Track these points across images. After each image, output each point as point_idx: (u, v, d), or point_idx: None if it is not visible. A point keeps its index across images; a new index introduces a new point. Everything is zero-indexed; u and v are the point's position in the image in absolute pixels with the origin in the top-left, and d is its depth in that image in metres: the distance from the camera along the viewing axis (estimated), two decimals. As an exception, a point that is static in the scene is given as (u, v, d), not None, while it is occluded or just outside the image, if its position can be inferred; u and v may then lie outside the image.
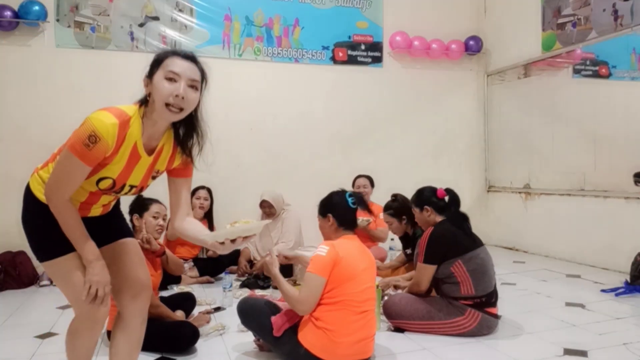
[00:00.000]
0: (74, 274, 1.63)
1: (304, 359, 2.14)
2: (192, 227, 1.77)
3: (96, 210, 1.79)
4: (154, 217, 2.75)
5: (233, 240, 1.60)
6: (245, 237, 1.62)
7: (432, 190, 2.93)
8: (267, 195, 4.22)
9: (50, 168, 1.67)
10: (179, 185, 1.81)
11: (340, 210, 2.33)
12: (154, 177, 1.79)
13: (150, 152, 1.67)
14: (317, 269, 2.15)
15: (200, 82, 1.62)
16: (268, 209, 4.27)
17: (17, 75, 4.49)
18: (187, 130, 1.71)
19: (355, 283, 2.16)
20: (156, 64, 1.61)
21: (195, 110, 1.66)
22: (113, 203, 1.87)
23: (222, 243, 1.60)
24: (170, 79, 1.56)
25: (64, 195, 1.57)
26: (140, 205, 2.78)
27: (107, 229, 1.85)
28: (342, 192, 2.40)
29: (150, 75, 1.61)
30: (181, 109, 1.58)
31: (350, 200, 2.34)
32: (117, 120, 1.53)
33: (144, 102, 1.64)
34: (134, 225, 2.75)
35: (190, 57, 1.62)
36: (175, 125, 1.71)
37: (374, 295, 2.28)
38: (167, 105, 1.56)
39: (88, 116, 1.55)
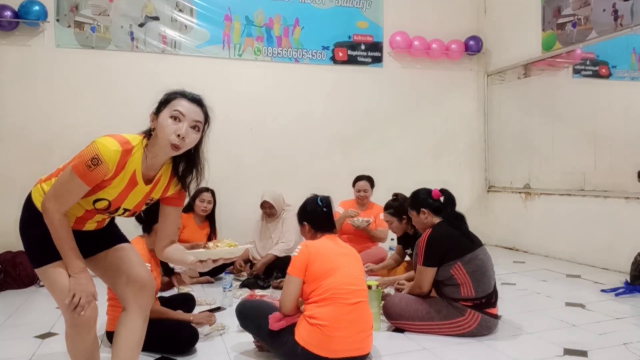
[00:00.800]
0: (60, 282, 1.72)
1: (301, 358, 2.15)
2: (175, 250, 1.88)
3: (91, 225, 1.89)
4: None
5: (215, 260, 1.75)
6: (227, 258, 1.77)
7: (427, 192, 2.92)
8: (268, 196, 4.23)
9: (53, 182, 1.75)
10: (169, 214, 1.91)
11: (314, 217, 2.45)
12: (147, 204, 1.89)
13: (147, 181, 1.78)
14: (291, 270, 2.25)
15: (202, 124, 1.73)
16: (269, 210, 4.27)
17: (17, 75, 4.49)
18: (187, 166, 1.81)
19: (338, 276, 2.20)
20: (165, 103, 1.71)
21: (197, 147, 1.78)
22: (107, 221, 1.97)
23: (203, 262, 1.74)
24: (174, 118, 1.67)
25: (60, 210, 1.67)
26: None
27: (104, 236, 1.94)
28: (313, 199, 2.50)
29: (157, 112, 1.71)
30: (179, 148, 1.69)
31: (321, 204, 2.45)
32: (120, 148, 1.64)
33: (148, 134, 1.74)
34: (150, 229, 2.72)
35: (197, 101, 1.73)
36: (175, 159, 1.80)
37: (363, 286, 2.29)
38: (171, 144, 1.67)
39: (94, 140, 1.65)
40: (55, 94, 4.55)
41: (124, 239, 2.00)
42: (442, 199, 2.88)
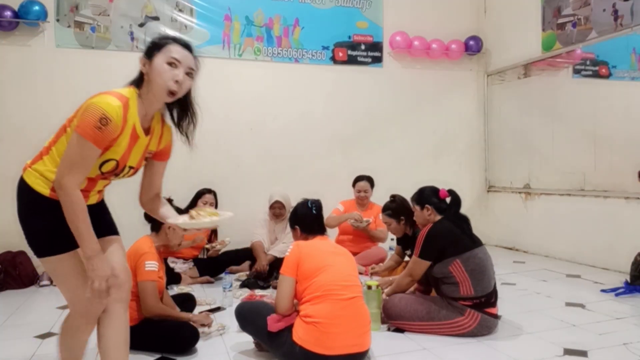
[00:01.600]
0: (71, 275, 1.70)
1: (300, 357, 2.15)
2: (162, 207, 1.95)
3: (93, 198, 1.85)
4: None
5: (198, 229, 1.86)
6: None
7: (434, 190, 2.93)
8: (279, 196, 4.22)
9: (47, 161, 1.71)
10: (157, 168, 1.93)
11: (304, 221, 2.50)
12: (146, 158, 1.89)
13: (146, 132, 1.77)
14: (284, 270, 2.28)
15: (195, 71, 1.77)
16: (279, 210, 4.26)
17: (17, 75, 4.49)
18: (181, 111, 1.84)
19: (329, 273, 2.21)
20: (157, 47, 1.72)
21: (188, 93, 1.81)
22: (106, 188, 1.94)
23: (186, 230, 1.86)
24: (171, 64, 1.69)
25: (77, 181, 1.60)
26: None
27: (98, 223, 1.85)
28: (304, 203, 2.54)
29: (150, 56, 1.72)
30: (176, 94, 1.72)
31: (313, 208, 2.50)
32: (120, 102, 1.62)
33: (138, 83, 1.75)
34: (159, 228, 2.74)
35: (189, 47, 1.75)
36: (169, 107, 1.84)
37: (357, 283, 2.29)
38: (169, 90, 1.70)
39: (91, 101, 1.61)
40: (55, 94, 4.55)
41: (114, 229, 1.95)
42: (448, 199, 2.88)
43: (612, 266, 4.25)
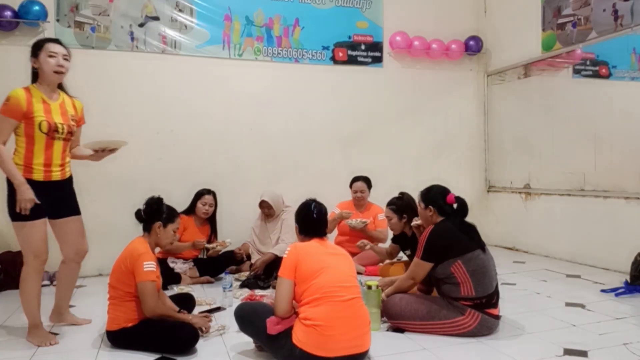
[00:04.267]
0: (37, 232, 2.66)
1: (300, 359, 2.14)
2: (77, 149, 2.93)
3: (56, 172, 2.71)
4: (174, 231, 2.78)
5: (103, 150, 2.83)
6: (112, 150, 2.86)
7: (443, 192, 2.88)
8: (266, 196, 4.23)
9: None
10: (77, 131, 2.90)
11: (304, 221, 2.48)
12: (73, 119, 2.80)
13: (54, 101, 2.74)
14: (282, 272, 2.27)
15: (69, 56, 2.78)
16: (267, 210, 4.27)
17: (17, 76, 4.47)
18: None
19: (327, 274, 2.20)
20: (37, 48, 2.67)
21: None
22: (68, 164, 2.81)
23: (97, 151, 2.83)
24: (51, 56, 2.66)
25: (2, 141, 2.59)
26: (170, 215, 2.76)
27: (66, 204, 2.82)
28: (308, 204, 2.50)
29: (36, 56, 2.67)
30: (61, 72, 2.71)
31: (314, 211, 2.46)
32: (23, 89, 2.63)
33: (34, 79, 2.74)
34: (150, 228, 2.69)
35: (59, 42, 2.74)
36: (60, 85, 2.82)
37: (355, 283, 2.29)
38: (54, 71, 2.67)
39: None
40: (55, 94, 4.54)
41: (78, 210, 2.90)
42: (455, 205, 2.87)
43: (612, 266, 4.25)
